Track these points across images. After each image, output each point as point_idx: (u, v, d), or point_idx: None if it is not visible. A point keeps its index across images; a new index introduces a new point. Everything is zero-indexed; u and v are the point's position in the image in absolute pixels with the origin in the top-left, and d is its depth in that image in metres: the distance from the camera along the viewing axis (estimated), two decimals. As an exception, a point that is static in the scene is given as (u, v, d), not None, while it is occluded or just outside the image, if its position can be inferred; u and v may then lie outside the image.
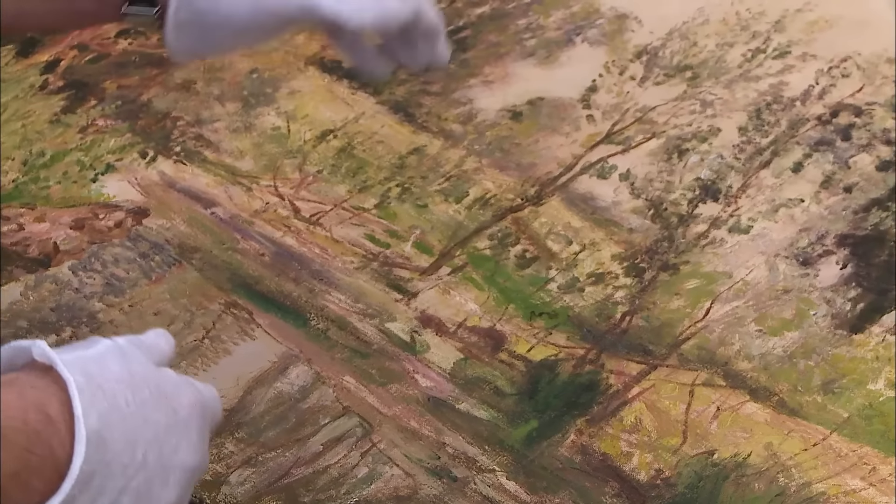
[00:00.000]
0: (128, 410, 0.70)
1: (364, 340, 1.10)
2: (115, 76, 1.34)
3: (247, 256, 1.17)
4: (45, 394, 0.68)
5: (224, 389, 1.07)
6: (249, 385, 1.08)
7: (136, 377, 0.72)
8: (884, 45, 1.29)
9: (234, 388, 1.07)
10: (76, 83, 1.35)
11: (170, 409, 0.73)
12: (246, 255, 1.17)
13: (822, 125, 1.23)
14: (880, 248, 1.12)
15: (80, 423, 0.67)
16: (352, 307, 1.12)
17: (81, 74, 1.36)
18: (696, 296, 1.10)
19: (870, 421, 1.00)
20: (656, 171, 1.21)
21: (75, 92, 1.34)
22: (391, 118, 1.29)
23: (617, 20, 1.37)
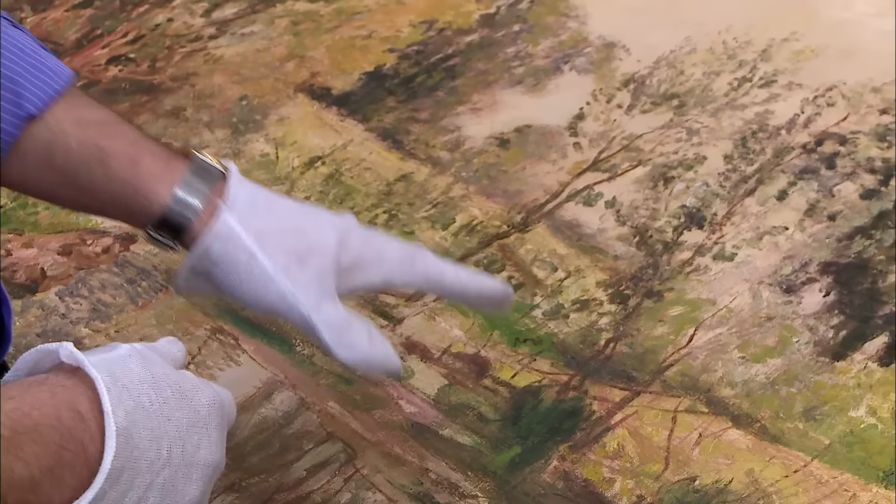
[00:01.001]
0: (151, 409, 0.72)
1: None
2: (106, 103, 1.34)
3: (233, 282, 1.17)
4: (75, 392, 0.69)
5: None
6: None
7: (157, 378, 0.74)
8: (869, 74, 1.30)
9: (218, 414, 1.07)
10: (67, 109, 1.36)
11: (190, 409, 0.75)
12: (233, 281, 1.17)
13: (807, 153, 1.24)
14: (863, 275, 1.13)
15: (110, 419, 0.68)
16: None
17: (72, 101, 1.37)
18: (680, 323, 1.10)
19: (851, 448, 1.00)
20: (642, 198, 1.21)
21: (66, 118, 1.35)
22: (379, 145, 1.29)
23: (605, 49, 1.38)
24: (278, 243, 0.82)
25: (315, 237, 0.83)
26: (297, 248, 0.82)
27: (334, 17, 1.44)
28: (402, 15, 1.44)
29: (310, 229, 0.84)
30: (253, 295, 0.83)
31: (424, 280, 0.88)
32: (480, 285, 0.90)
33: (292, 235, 0.83)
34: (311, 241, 0.83)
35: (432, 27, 1.42)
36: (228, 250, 0.81)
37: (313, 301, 0.82)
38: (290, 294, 0.82)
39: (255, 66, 1.38)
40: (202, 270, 0.83)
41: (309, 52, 1.39)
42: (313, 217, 0.85)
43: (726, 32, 1.37)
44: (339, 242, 0.84)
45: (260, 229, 0.82)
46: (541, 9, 1.43)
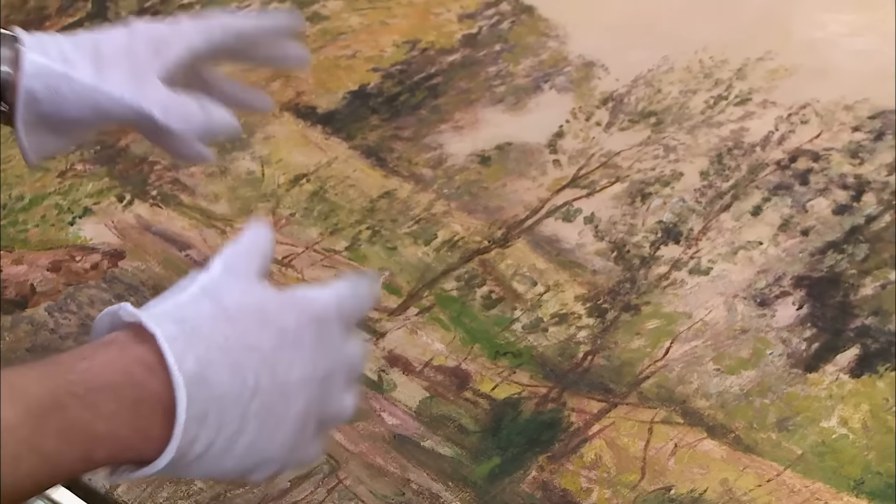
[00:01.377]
0: (228, 344, 0.72)
1: (333, 379, 1.12)
2: (95, 122, 1.37)
3: (220, 297, 1.18)
4: (143, 348, 0.70)
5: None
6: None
7: (231, 310, 0.74)
8: (841, 92, 1.32)
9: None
10: (56, 128, 1.37)
11: (276, 330, 0.75)
12: (219, 296, 1.18)
13: (781, 170, 1.25)
14: (835, 289, 1.14)
15: (175, 369, 0.69)
16: (321, 347, 1.14)
17: (61, 120, 1.38)
18: (657, 336, 1.12)
19: (822, 458, 1.02)
20: (620, 214, 1.23)
21: (55, 137, 1.36)
22: (363, 162, 1.31)
23: (584, 68, 1.39)
24: (79, 58, 0.88)
25: (104, 38, 0.90)
26: (97, 53, 0.88)
27: (319, 37, 1.46)
28: (386, 35, 1.45)
29: (102, 39, 0.90)
30: (87, 114, 0.88)
31: (222, 31, 0.95)
32: (271, 18, 1.00)
33: (88, 48, 0.89)
34: (102, 43, 0.89)
35: (415, 47, 1.43)
36: (47, 84, 0.86)
37: (135, 90, 0.88)
38: (115, 92, 0.87)
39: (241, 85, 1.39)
40: (34, 118, 0.87)
41: (294, 71, 1.41)
42: (102, 30, 0.92)
43: (703, 52, 1.39)
44: (130, 33, 0.91)
45: (62, 53, 0.87)
46: (522, 29, 1.45)
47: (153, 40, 0.91)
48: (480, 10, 1.48)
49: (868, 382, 1.07)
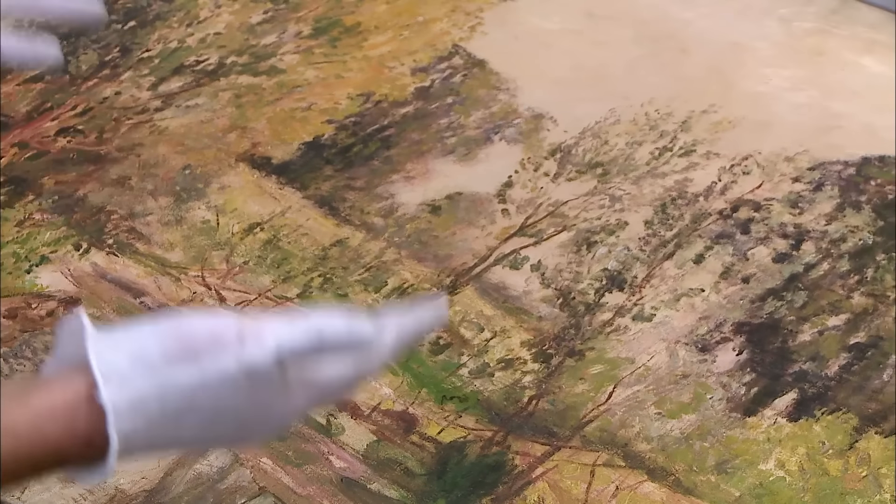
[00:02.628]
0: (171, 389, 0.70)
1: (282, 424, 1.11)
2: (54, 172, 1.36)
3: (172, 343, 1.18)
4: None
5: (145, 471, 1.07)
6: (170, 466, 1.08)
7: (186, 343, 0.71)
8: (783, 144, 1.33)
9: (154, 470, 1.08)
10: (15, 179, 1.37)
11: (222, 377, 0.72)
12: (172, 343, 1.18)
13: (724, 219, 1.26)
14: (774, 335, 1.15)
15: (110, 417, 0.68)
16: (271, 392, 1.14)
17: (21, 171, 1.38)
18: (600, 380, 1.12)
19: (760, 500, 1.02)
20: (566, 262, 1.23)
21: (14, 187, 1.36)
22: (316, 212, 1.31)
23: (533, 119, 1.40)
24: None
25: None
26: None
27: (276, 90, 1.46)
28: (341, 88, 1.46)
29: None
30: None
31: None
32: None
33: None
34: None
35: (369, 99, 1.44)
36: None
37: None
38: None
39: (198, 136, 1.40)
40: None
41: (251, 123, 1.41)
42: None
43: (649, 105, 1.40)
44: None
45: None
46: (473, 82, 1.46)
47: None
48: (433, 64, 1.48)
49: (805, 426, 1.08)
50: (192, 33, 1.54)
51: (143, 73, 1.48)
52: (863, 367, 1.12)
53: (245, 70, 1.49)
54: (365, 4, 1.58)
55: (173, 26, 1.55)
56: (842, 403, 1.09)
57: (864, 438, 1.06)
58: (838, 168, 1.31)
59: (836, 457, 1.05)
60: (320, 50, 1.52)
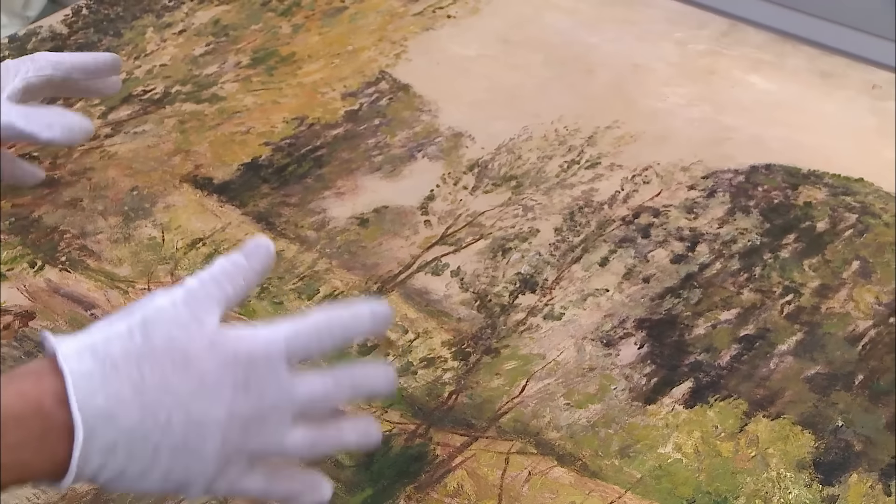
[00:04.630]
0: (144, 384, 0.71)
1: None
2: (10, 196, 1.34)
3: (121, 351, 1.16)
4: (57, 379, 0.70)
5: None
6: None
7: (157, 349, 0.72)
8: (679, 155, 1.34)
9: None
10: (-24, 202, 1.35)
11: (194, 374, 0.73)
12: (120, 351, 1.16)
13: (626, 225, 1.26)
14: (672, 329, 1.15)
15: (75, 407, 0.69)
16: (212, 394, 1.12)
17: (-19, 194, 1.36)
18: (514, 375, 1.12)
19: (659, 480, 1.02)
20: (483, 267, 1.23)
21: (-26, 210, 1.34)
22: (254, 227, 1.30)
23: (453, 138, 1.40)
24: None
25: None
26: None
27: (217, 116, 1.45)
28: (277, 113, 1.45)
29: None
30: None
31: (52, 66, 1.10)
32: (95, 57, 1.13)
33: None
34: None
35: (303, 123, 1.43)
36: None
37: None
38: None
39: (145, 160, 1.38)
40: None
41: (194, 147, 1.40)
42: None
43: (558, 122, 1.40)
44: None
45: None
46: (398, 105, 1.45)
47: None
48: (362, 89, 1.48)
49: (700, 412, 1.08)
50: (139, 65, 1.53)
51: (94, 103, 1.46)
52: (752, 357, 1.12)
53: (189, 98, 1.47)
54: (299, 35, 1.57)
55: (122, 59, 1.53)
56: (733, 390, 1.09)
57: (752, 422, 1.07)
58: (729, 176, 1.32)
59: (727, 439, 1.05)
60: (258, 78, 1.51)
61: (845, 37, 1.50)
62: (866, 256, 1.22)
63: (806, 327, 1.15)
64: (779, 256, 1.22)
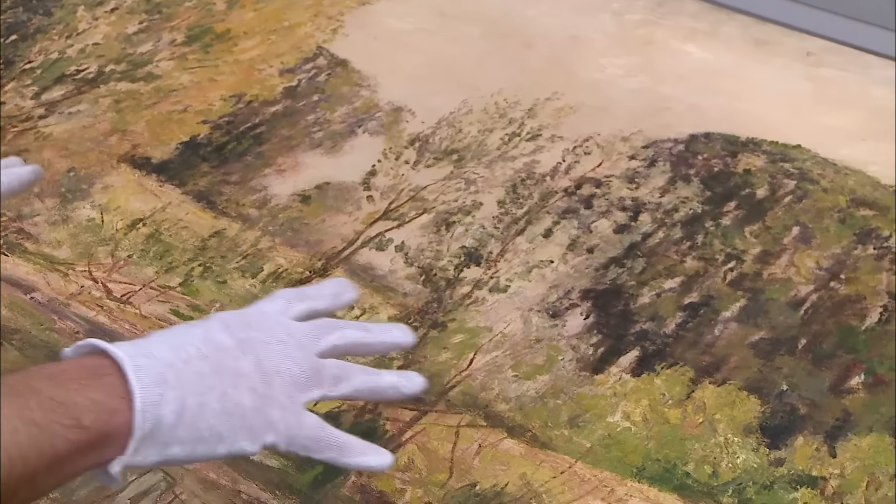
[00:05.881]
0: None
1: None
2: (-56, 179, 1.32)
3: (63, 335, 1.15)
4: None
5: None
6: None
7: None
8: (619, 126, 1.34)
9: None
10: None
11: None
12: (62, 334, 1.15)
13: (568, 196, 1.26)
14: (617, 299, 1.15)
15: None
16: (158, 375, 1.11)
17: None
18: (462, 349, 1.12)
19: (609, 449, 1.02)
20: (427, 241, 1.23)
21: None
22: (195, 206, 1.28)
23: (393, 113, 1.39)
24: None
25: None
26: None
27: (153, 94, 1.43)
28: (214, 90, 1.43)
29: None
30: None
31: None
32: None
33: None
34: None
35: (241, 100, 1.41)
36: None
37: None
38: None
39: (81, 140, 1.36)
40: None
41: (130, 126, 1.38)
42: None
43: (498, 95, 1.40)
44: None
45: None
46: (337, 80, 1.44)
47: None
48: (299, 65, 1.46)
49: (647, 380, 1.08)
50: (71, 44, 1.50)
51: (26, 84, 1.43)
52: (696, 324, 1.13)
53: (123, 77, 1.45)
54: (234, 12, 1.55)
55: (53, 38, 1.51)
56: (679, 358, 1.10)
57: (699, 389, 1.07)
58: (669, 145, 1.32)
59: (675, 406, 1.06)
60: (194, 56, 1.49)
61: (778, 5, 1.50)
62: (806, 222, 1.22)
63: (749, 293, 1.15)
64: (720, 224, 1.22)
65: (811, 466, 1.01)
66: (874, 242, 1.20)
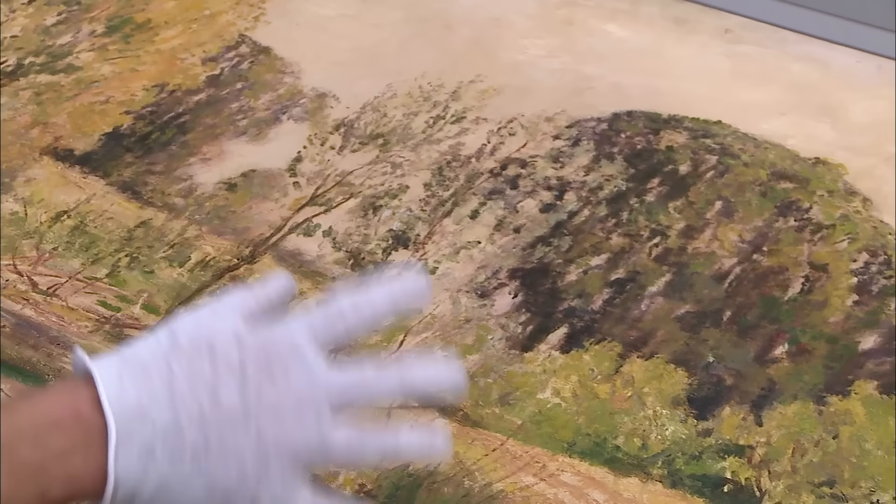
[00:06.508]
0: (173, 376, 0.68)
1: (99, 396, 1.08)
2: None
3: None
4: (90, 387, 0.68)
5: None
6: None
7: (183, 345, 0.70)
8: (542, 106, 1.35)
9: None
10: None
11: (221, 361, 0.69)
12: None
13: (494, 177, 1.27)
14: (545, 277, 1.16)
15: (106, 404, 0.67)
16: (87, 367, 1.10)
17: None
18: (392, 331, 1.12)
19: (539, 425, 1.03)
20: (355, 226, 1.23)
21: None
22: (120, 197, 1.27)
23: (318, 98, 1.39)
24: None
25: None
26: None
27: (74, 86, 1.41)
28: (136, 81, 1.42)
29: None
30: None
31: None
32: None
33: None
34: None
35: (164, 90, 1.40)
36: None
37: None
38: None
39: (2, 134, 1.34)
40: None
41: (52, 118, 1.36)
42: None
43: (422, 78, 1.40)
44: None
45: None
46: (260, 68, 1.43)
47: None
48: (222, 53, 1.45)
49: (576, 356, 1.09)
50: (-11, 37, 1.48)
51: (-56, 78, 1.41)
52: (623, 300, 1.14)
53: (43, 69, 1.44)
54: (154, 2, 1.54)
55: (-29, 32, 1.49)
56: (607, 333, 1.11)
57: (627, 363, 1.08)
58: (592, 124, 1.33)
59: (604, 381, 1.07)
60: (114, 46, 1.47)
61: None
62: (728, 196, 1.24)
63: (674, 268, 1.17)
64: (644, 201, 1.24)
65: (738, 435, 1.03)
66: (795, 214, 1.21)
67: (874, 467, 1.00)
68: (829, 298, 1.13)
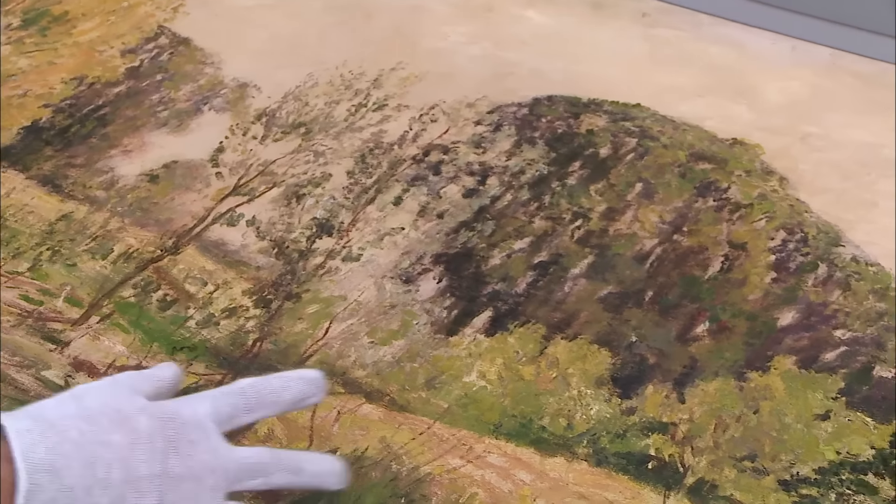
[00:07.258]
0: (82, 439, 0.71)
1: (22, 389, 1.07)
2: None
3: None
4: (2, 442, 0.70)
5: None
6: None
7: (90, 410, 0.73)
8: (464, 92, 1.35)
9: None
10: None
11: (128, 429, 0.73)
12: None
13: (417, 164, 1.27)
14: (469, 262, 1.17)
15: (18, 458, 0.69)
16: (10, 360, 1.09)
17: None
18: (317, 318, 1.12)
19: (466, 408, 1.04)
20: (278, 215, 1.22)
21: None
22: (40, 190, 1.26)
23: (239, 89, 1.38)
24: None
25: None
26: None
27: (-9, 79, 1.40)
28: (55, 73, 1.40)
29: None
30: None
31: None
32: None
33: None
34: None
35: (83, 82, 1.39)
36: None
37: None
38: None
39: (-82, 129, 1.33)
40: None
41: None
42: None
43: (343, 67, 1.40)
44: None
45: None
46: (180, 59, 1.42)
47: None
48: (141, 45, 1.44)
49: (501, 339, 1.10)
50: None
51: None
52: (547, 283, 1.15)
53: (-41, 63, 1.42)
54: (72, -6, 1.52)
55: None
56: (531, 316, 1.12)
57: (551, 345, 1.09)
58: (513, 110, 1.33)
59: (529, 363, 1.08)
60: (31, 40, 1.45)
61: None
62: (648, 178, 1.25)
63: (596, 250, 1.18)
64: (566, 184, 1.24)
65: (661, 413, 1.04)
66: (713, 195, 1.23)
67: (794, 440, 1.01)
68: (748, 276, 1.15)
